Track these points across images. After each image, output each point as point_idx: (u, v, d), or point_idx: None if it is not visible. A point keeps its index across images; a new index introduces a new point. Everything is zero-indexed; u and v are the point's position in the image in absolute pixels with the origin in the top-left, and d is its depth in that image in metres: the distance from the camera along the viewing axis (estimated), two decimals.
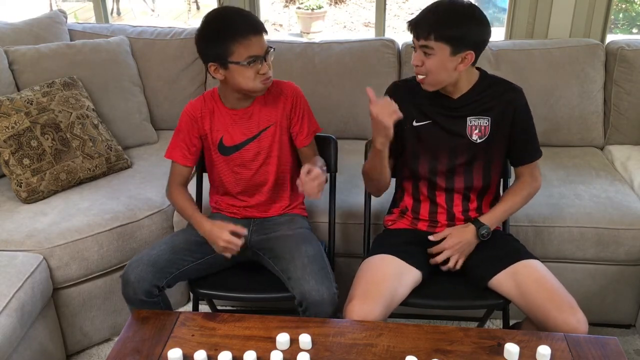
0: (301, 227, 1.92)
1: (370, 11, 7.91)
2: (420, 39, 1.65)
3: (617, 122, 2.66)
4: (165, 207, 2.28)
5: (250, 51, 1.68)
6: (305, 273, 1.69)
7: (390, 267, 1.73)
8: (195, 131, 1.88)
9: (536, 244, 2.14)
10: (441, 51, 1.63)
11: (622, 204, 2.20)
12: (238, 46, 1.67)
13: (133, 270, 1.70)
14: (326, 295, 1.66)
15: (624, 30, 6.45)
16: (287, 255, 1.78)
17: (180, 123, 1.90)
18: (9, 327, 1.72)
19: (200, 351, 1.41)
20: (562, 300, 1.59)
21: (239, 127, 1.86)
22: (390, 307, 1.66)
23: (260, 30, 1.71)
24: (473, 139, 1.78)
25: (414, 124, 1.82)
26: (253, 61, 1.69)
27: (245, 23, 1.69)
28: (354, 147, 2.52)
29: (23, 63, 2.49)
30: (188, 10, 7.75)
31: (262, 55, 1.71)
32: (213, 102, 1.88)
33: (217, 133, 1.86)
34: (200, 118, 1.86)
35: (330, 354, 1.45)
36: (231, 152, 1.87)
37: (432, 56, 1.65)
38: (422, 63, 1.68)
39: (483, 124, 1.77)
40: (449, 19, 1.63)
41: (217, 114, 1.86)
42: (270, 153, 1.88)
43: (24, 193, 2.20)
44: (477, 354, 1.45)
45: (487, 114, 1.77)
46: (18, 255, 1.95)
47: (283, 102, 1.88)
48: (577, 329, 1.54)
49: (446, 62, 1.65)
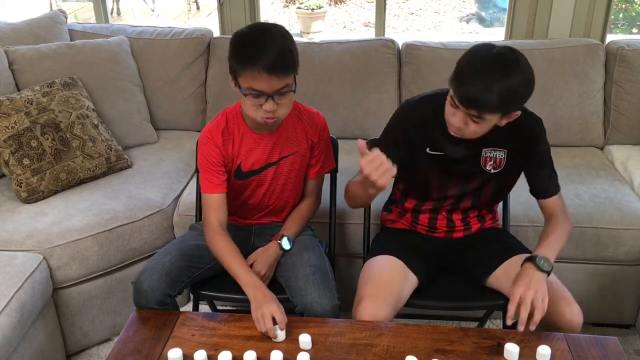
0: (304, 232, 1.91)
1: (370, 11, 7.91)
2: (472, 110, 1.50)
3: (617, 122, 2.66)
4: (165, 207, 2.28)
5: (253, 84, 1.55)
6: (307, 284, 1.67)
7: (396, 269, 1.73)
8: (220, 157, 1.74)
9: (536, 244, 2.14)
10: (493, 119, 1.53)
11: (622, 204, 2.20)
12: (246, 73, 1.55)
13: (147, 279, 1.66)
14: (328, 307, 1.64)
15: (624, 30, 6.45)
16: (289, 262, 1.77)
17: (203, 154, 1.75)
18: (9, 327, 1.72)
19: (200, 351, 1.41)
20: (555, 293, 1.59)
21: (261, 152, 1.77)
22: (397, 307, 1.66)
23: (275, 72, 1.53)
24: (487, 169, 1.73)
25: (428, 151, 1.73)
26: (255, 96, 1.57)
27: (266, 57, 1.51)
28: (354, 147, 2.49)
29: (23, 63, 2.49)
30: (188, 10, 7.75)
31: (266, 93, 1.56)
32: (236, 125, 1.75)
33: (237, 159, 1.76)
34: (223, 146, 1.74)
35: (330, 354, 1.45)
36: (246, 177, 1.80)
37: (482, 123, 1.53)
38: (465, 125, 1.55)
39: (499, 157, 1.71)
40: (513, 101, 1.50)
41: (240, 138, 1.74)
42: (288, 180, 1.82)
43: (24, 193, 2.20)
44: (477, 354, 1.45)
45: (503, 146, 1.70)
46: (18, 255, 1.95)
47: (311, 133, 1.80)
48: (572, 321, 1.54)
49: (493, 123, 1.56)
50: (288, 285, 1.73)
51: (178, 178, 2.47)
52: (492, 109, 1.49)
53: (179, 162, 2.57)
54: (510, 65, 1.48)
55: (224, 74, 2.75)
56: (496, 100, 1.46)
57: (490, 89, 1.45)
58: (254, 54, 1.53)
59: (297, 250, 1.80)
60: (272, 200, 1.87)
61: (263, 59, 1.52)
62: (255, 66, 1.52)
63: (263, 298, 1.55)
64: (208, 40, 2.85)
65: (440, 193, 1.78)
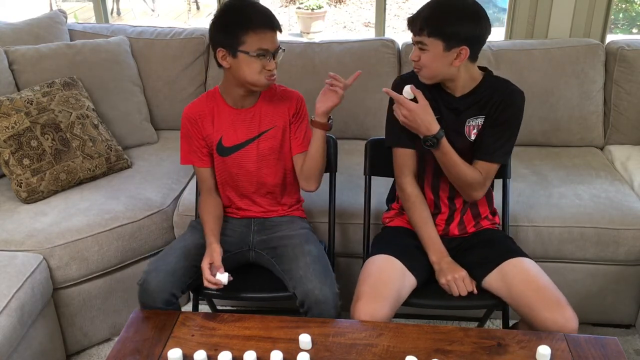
0: (302, 227, 1.92)
1: (370, 11, 7.91)
2: (416, 35, 1.67)
3: (617, 122, 2.66)
4: (165, 207, 2.28)
5: (262, 44, 1.68)
6: (308, 272, 1.69)
7: (394, 268, 1.73)
8: (198, 134, 1.85)
9: (536, 244, 2.14)
10: (435, 47, 1.64)
11: (622, 204, 2.20)
12: (251, 36, 1.67)
13: (153, 279, 1.68)
14: (329, 294, 1.65)
15: (624, 30, 6.45)
16: (290, 254, 1.78)
17: (182, 128, 1.88)
18: (9, 327, 1.72)
19: (200, 351, 1.41)
20: (549, 299, 1.59)
21: (240, 127, 1.84)
22: (395, 307, 1.66)
23: (275, 27, 1.71)
24: (471, 139, 1.77)
25: None
26: (262, 55, 1.68)
27: (263, 16, 1.69)
28: (354, 147, 2.52)
29: (23, 63, 2.49)
30: (188, 10, 7.76)
31: (272, 51, 1.70)
32: (214, 102, 1.85)
33: (217, 134, 1.85)
34: (200, 120, 1.84)
35: (330, 354, 1.45)
36: (229, 152, 1.85)
37: (427, 52, 1.66)
38: (418, 58, 1.69)
39: (479, 123, 1.76)
40: (442, 15, 1.63)
41: (218, 113, 1.84)
42: (270, 156, 1.87)
43: (24, 193, 2.20)
44: (477, 354, 1.45)
45: (482, 112, 1.76)
46: (18, 255, 1.95)
47: (288, 107, 1.87)
48: (565, 326, 1.54)
49: (440, 57, 1.65)
50: (290, 277, 1.73)
51: (178, 178, 2.47)
52: (427, 25, 1.63)
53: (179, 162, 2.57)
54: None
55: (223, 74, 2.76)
56: (427, 13, 1.64)
57: (427, 8, 1.66)
58: (255, 16, 1.68)
59: (299, 242, 1.81)
60: (260, 179, 1.88)
61: (264, 18, 1.69)
62: (260, 25, 1.67)
63: (207, 257, 1.71)
64: (208, 40, 2.84)
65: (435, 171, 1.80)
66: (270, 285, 1.82)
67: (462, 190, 1.78)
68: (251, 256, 1.90)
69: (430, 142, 1.67)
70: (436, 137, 1.66)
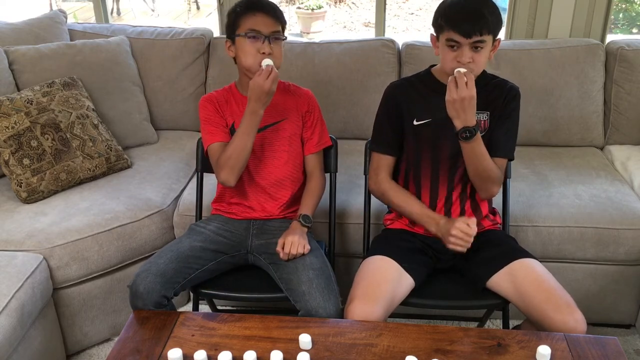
0: None
1: (370, 11, 7.91)
2: (473, 36, 1.64)
3: (617, 122, 2.66)
4: (165, 207, 2.28)
5: (252, 25, 1.75)
6: (311, 288, 1.67)
7: (390, 269, 1.73)
8: (218, 113, 1.89)
9: (536, 244, 2.14)
10: (488, 43, 1.68)
11: (622, 204, 2.20)
12: (244, 19, 1.77)
13: (142, 281, 1.67)
14: (333, 312, 1.64)
15: (624, 30, 6.45)
16: (290, 264, 1.76)
17: (202, 112, 1.91)
18: (9, 327, 1.72)
19: (200, 351, 1.41)
20: (559, 301, 1.59)
21: None
22: (390, 308, 1.66)
23: (268, 10, 1.78)
24: None
25: (414, 123, 1.82)
26: (253, 36, 1.75)
27: (263, 3, 1.79)
28: (354, 147, 2.52)
29: (23, 63, 2.49)
30: (188, 10, 7.76)
31: (264, 34, 1.76)
32: (229, 92, 1.94)
33: (230, 118, 1.89)
34: (218, 104, 1.91)
35: (330, 354, 1.45)
36: None
37: (482, 50, 1.67)
38: (472, 59, 1.67)
39: (483, 119, 1.78)
40: (492, 10, 1.66)
41: (232, 102, 1.91)
42: (277, 147, 1.89)
43: (24, 193, 2.20)
44: (477, 354, 1.45)
45: (486, 108, 1.78)
46: (18, 255, 1.95)
47: (298, 102, 1.93)
48: (575, 328, 1.54)
49: (487, 52, 1.69)
50: (290, 288, 1.72)
51: (178, 178, 2.47)
52: (487, 26, 1.63)
53: (179, 162, 2.57)
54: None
55: (224, 74, 2.77)
56: (489, 16, 1.64)
57: (479, 11, 1.64)
58: (251, 3, 1.79)
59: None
60: (267, 173, 1.89)
61: (260, 5, 1.79)
62: (252, 8, 1.78)
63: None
64: (208, 40, 2.85)
65: (433, 164, 1.81)
66: (270, 285, 1.82)
67: (483, 185, 1.78)
68: (249, 259, 1.90)
69: (469, 134, 1.66)
70: (475, 129, 1.67)
